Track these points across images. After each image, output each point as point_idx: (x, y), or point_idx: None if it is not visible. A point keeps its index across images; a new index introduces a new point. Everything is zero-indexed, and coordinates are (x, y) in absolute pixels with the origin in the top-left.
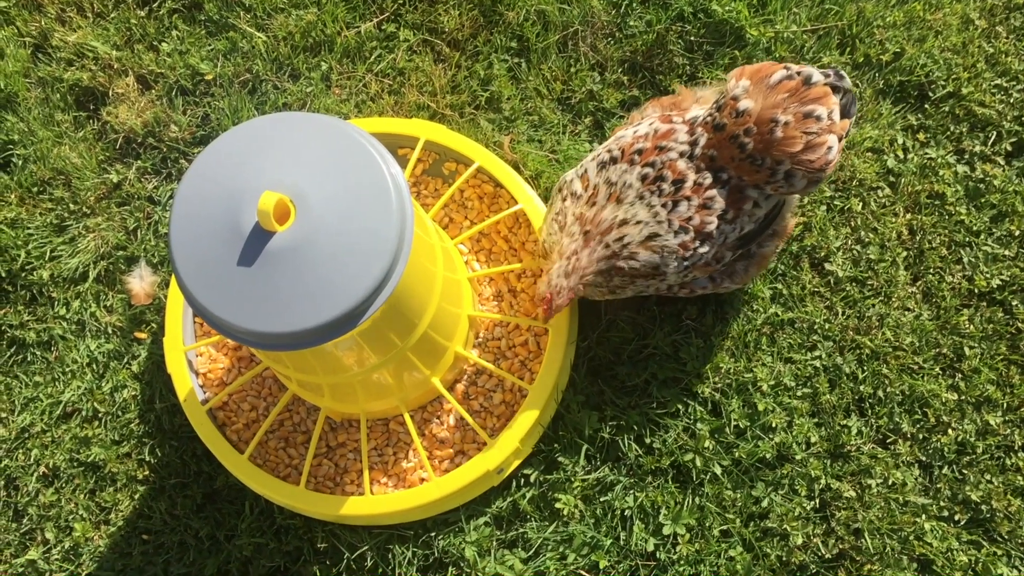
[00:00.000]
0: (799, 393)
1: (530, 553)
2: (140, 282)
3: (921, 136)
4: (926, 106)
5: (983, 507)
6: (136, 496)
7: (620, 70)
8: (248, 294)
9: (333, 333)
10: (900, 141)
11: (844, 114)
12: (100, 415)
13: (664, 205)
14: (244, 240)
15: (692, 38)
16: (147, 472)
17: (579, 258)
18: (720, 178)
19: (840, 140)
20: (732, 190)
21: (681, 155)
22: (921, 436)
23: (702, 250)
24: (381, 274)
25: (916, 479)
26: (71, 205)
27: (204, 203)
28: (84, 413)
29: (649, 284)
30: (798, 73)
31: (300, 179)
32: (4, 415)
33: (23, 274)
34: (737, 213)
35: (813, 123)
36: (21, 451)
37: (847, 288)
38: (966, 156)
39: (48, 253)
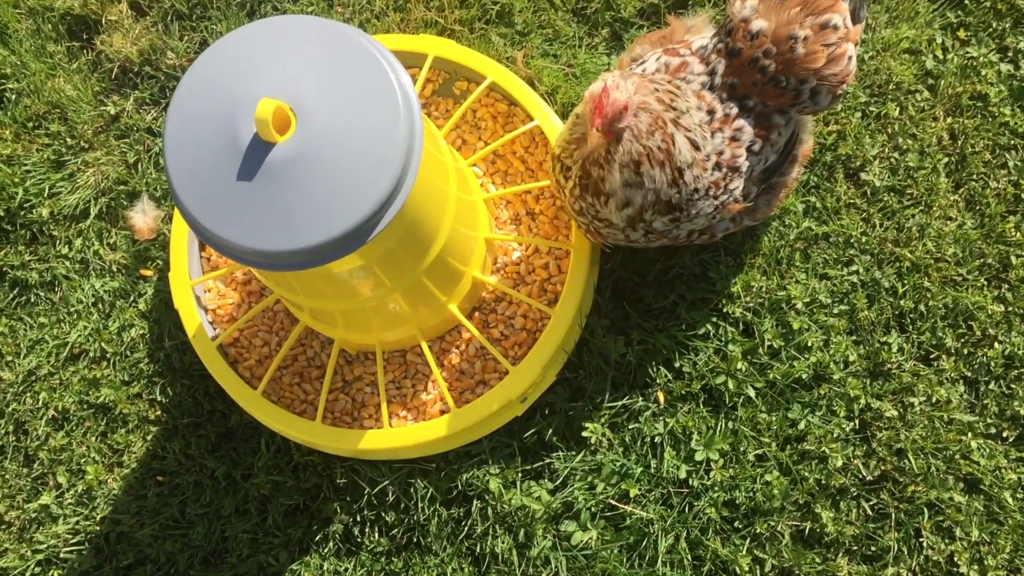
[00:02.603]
0: (836, 310)
1: (557, 483)
2: (143, 217)
3: (961, 34)
4: (966, 2)
5: None
6: (149, 437)
7: None
8: (250, 210)
9: (341, 250)
10: (939, 40)
11: (855, 19)
12: (108, 355)
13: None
14: (243, 152)
15: None
16: (159, 412)
17: (644, 76)
18: (746, 106)
19: (855, 47)
20: (758, 118)
21: (703, 86)
22: (966, 351)
23: (732, 186)
24: (389, 187)
25: (961, 396)
26: (68, 140)
27: (200, 114)
28: (92, 354)
29: (669, 228)
30: None
31: (301, 86)
32: (10, 358)
33: (22, 212)
34: (764, 143)
35: (831, 33)
36: (29, 395)
37: (885, 198)
38: (1010, 54)
39: (47, 190)
